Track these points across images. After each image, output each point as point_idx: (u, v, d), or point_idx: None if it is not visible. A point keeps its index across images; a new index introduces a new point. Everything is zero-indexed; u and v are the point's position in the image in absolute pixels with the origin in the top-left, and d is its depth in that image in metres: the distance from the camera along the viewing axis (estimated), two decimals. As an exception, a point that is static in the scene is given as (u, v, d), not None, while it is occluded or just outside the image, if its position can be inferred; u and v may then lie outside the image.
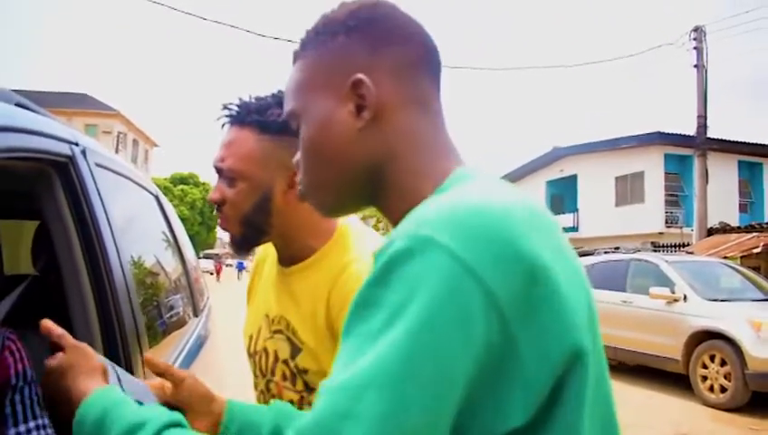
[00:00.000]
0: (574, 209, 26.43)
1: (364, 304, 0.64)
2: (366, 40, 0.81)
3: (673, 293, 8.34)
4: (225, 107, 1.35)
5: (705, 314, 7.89)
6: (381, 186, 0.82)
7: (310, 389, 1.31)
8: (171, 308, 2.34)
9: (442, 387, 0.60)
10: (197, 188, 56.42)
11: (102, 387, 0.88)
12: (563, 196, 27.58)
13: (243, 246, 1.37)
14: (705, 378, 7.71)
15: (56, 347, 0.96)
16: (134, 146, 50.70)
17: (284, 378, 1.35)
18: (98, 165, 1.71)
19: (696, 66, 16.11)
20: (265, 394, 1.40)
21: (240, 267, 54.01)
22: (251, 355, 1.46)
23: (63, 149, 1.50)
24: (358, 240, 1.35)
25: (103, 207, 1.62)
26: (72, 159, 1.53)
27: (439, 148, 0.83)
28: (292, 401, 1.30)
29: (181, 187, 54.15)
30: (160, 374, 0.96)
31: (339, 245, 1.35)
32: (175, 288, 2.54)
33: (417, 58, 0.83)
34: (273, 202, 1.31)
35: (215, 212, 1.36)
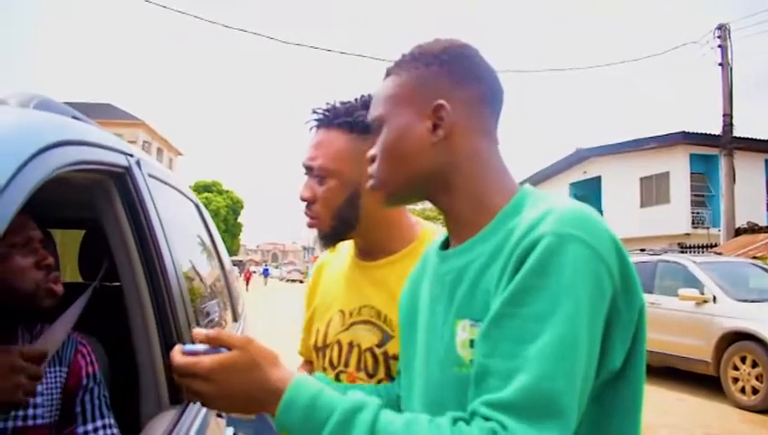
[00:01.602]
0: (599, 211, 26.00)
1: (526, 291, 0.83)
2: (452, 74, 1.00)
3: (702, 294, 8.25)
4: (314, 111, 1.45)
5: (735, 315, 7.80)
6: (444, 190, 1.02)
7: (391, 378, 1.38)
8: (216, 313, 2.41)
9: (595, 342, 0.84)
10: (221, 196, 56.85)
11: (302, 374, 0.92)
12: (587, 197, 27.34)
13: (332, 239, 1.47)
14: (736, 380, 7.61)
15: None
16: (158, 154, 51.25)
17: (359, 368, 1.42)
18: (150, 175, 1.78)
19: (720, 64, 15.95)
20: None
21: (266, 273, 54.38)
22: (319, 349, 1.52)
23: (121, 160, 1.57)
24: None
25: (158, 215, 1.69)
26: (128, 169, 1.60)
27: (499, 167, 1.03)
28: None
29: (205, 194, 54.61)
30: (212, 340, 0.91)
31: (427, 243, 1.39)
32: (218, 294, 2.61)
33: (487, 96, 1.02)
34: (361, 198, 1.41)
35: (303, 210, 1.45)
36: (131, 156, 1.66)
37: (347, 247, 1.59)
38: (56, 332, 1.51)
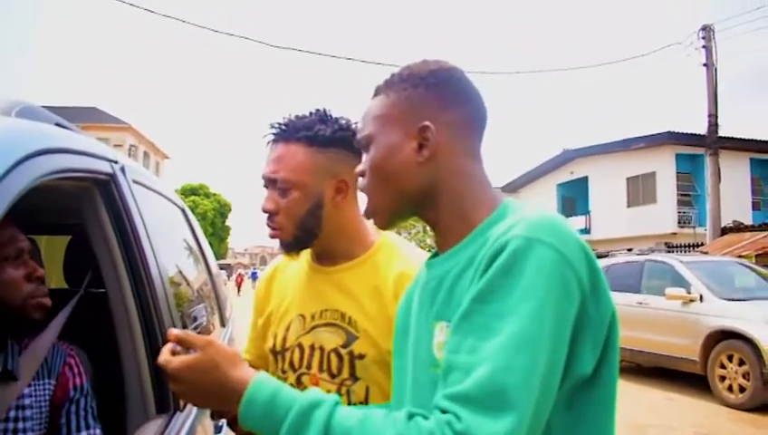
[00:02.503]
0: (586, 211, 26.33)
1: (492, 290, 0.86)
2: (438, 97, 1.04)
3: (689, 293, 8.30)
4: (272, 126, 1.50)
5: (722, 314, 7.85)
6: (431, 206, 1.06)
7: (355, 377, 1.43)
8: (204, 318, 2.39)
9: (560, 344, 0.85)
10: (208, 199, 56.58)
11: (262, 373, 0.97)
12: (575, 198, 27.52)
13: (294, 248, 1.51)
14: (723, 378, 7.67)
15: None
16: (145, 158, 50.95)
17: (322, 369, 1.46)
18: (135, 181, 1.77)
19: (705, 65, 16.06)
20: (295, 388, 1.45)
21: (254, 277, 54.24)
22: (277, 353, 1.55)
23: (105, 167, 1.56)
24: (404, 248, 1.57)
25: (143, 222, 1.68)
26: (113, 176, 1.59)
27: (483, 183, 1.07)
28: (329, 392, 1.36)
29: (192, 198, 54.30)
30: (180, 341, 0.99)
31: (388, 248, 1.54)
32: (205, 298, 2.60)
33: (472, 117, 1.07)
34: (323, 207, 1.47)
35: (266, 221, 1.49)
36: (116, 163, 1.65)
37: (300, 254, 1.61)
38: (43, 341, 1.50)
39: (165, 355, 0.98)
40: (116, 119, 47.18)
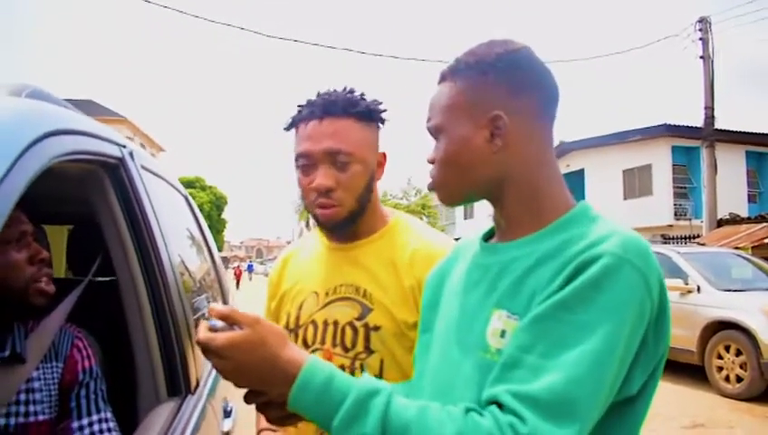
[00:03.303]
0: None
1: (576, 300, 0.86)
2: (508, 83, 1.01)
3: (686, 284, 8.33)
4: (312, 104, 1.48)
5: (719, 305, 7.89)
6: (502, 193, 1.04)
7: (370, 350, 1.44)
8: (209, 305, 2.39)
9: (624, 367, 0.88)
10: (204, 192, 56.44)
11: (314, 356, 0.95)
12: (571, 191, 26.69)
13: (348, 224, 1.50)
14: (720, 368, 7.71)
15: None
16: (140, 151, 50.62)
17: (335, 344, 1.47)
18: (143, 167, 1.76)
19: (701, 57, 16.07)
20: None
21: (250, 269, 54.26)
22: (290, 331, 1.56)
23: (114, 151, 1.55)
24: (418, 225, 1.61)
25: (152, 207, 1.67)
26: (122, 160, 1.58)
27: (556, 176, 1.06)
28: (342, 366, 1.42)
29: (188, 190, 53.71)
30: (224, 318, 0.94)
31: (403, 225, 1.59)
32: (210, 287, 2.60)
33: (544, 101, 1.04)
34: (374, 181, 1.51)
35: (319, 199, 1.46)
36: (124, 147, 1.64)
37: (313, 238, 1.66)
38: (50, 325, 1.49)
39: (205, 332, 0.93)
40: (112, 112, 46.95)
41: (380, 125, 1.53)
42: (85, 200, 1.63)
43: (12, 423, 1.38)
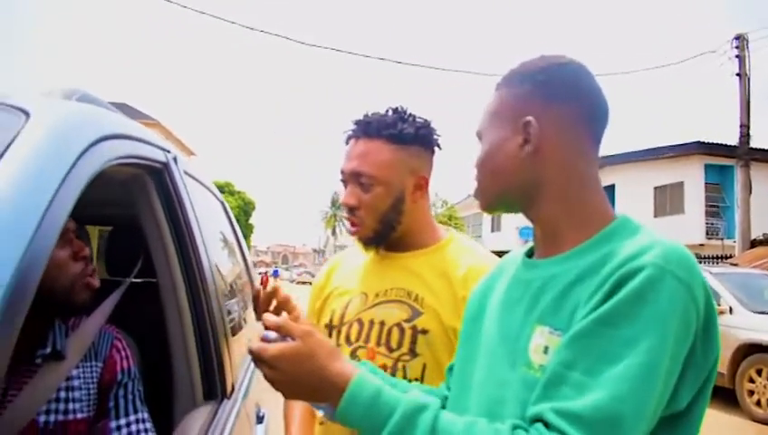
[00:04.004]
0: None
1: (619, 315, 0.86)
2: (544, 92, 1.04)
3: (719, 305, 8.18)
4: (356, 123, 1.55)
5: (751, 327, 7.74)
6: (536, 202, 1.05)
7: (414, 353, 1.46)
8: (244, 309, 2.41)
9: (671, 380, 0.86)
10: (232, 197, 56.83)
11: (362, 370, 0.97)
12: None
13: (373, 242, 1.57)
14: (751, 392, 7.55)
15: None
16: (172, 155, 51.16)
17: (380, 343, 1.49)
18: (185, 172, 1.79)
19: (737, 75, 15.85)
20: None
21: (275, 274, 54.71)
22: (333, 327, 1.59)
23: (159, 155, 1.57)
24: (473, 245, 1.65)
25: (193, 212, 1.69)
26: (166, 165, 1.60)
27: (595, 188, 1.05)
28: (384, 366, 1.45)
29: (217, 195, 54.31)
30: (277, 329, 0.96)
31: (457, 243, 1.62)
32: (244, 292, 2.62)
33: (583, 113, 1.04)
34: (404, 203, 1.52)
35: (346, 215, 1.55)
36: (169, 152, 1.66)
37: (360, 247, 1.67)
38: (91, 324, 1.51)
39: (258, 343, 0.96)
40: (145, 115, 47.67)
41: (424, 147, 1.55)
42: (128, 203, 1.66)
43: (51, 420, 1.40)
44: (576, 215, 1.03)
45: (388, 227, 1.54)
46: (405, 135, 1.51)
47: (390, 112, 1.57)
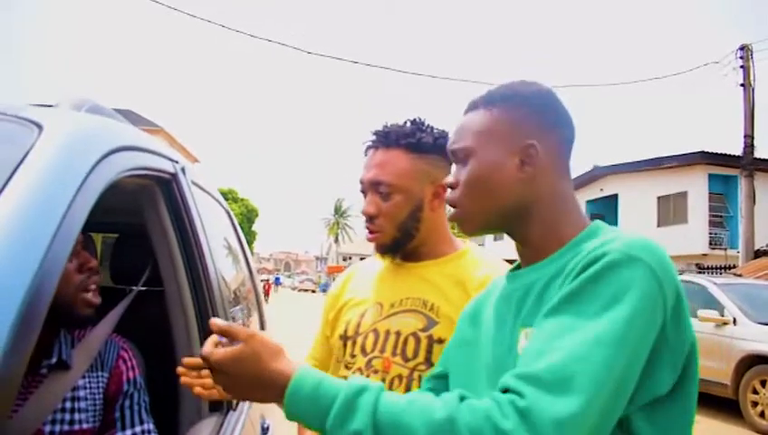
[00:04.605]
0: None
1: (580, 294, 0.90)
2: (540, 118, 1.08)
3: (722, 316, 8.17)
4: (376, 133, 1.58)
5: (755, 338, 7.70)
6: (523, 223, 1.08)
7: (430, 363, 1.46)
8: (248, 319, 2.42)
9: (638, 355, 0.87)
10: (236, 204, 56.98)
11: (304, 365, 0.98)
12: (604, 215, 27.13)
13: (392, 249, 1.59)
14: (755, 404, 7.51)
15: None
16: (175, 161, 51.16)
17: (395, 353, 1.50)
18: (193, 182, 1.79)
19: (742, 85, 15.87)
20: (363, 371, 1.53)
21: (277, 282, 54.81)
22: (348, 338, 1.60)
23: (168, 166, 1.58)
24: (489, 256, 1.65)
25: (200, 222, 1.70)
26: (175, 176, 1.61)
27: (574, 203, 1.10)
28: (400, 376, 1.47)
29: (221, 202, 54.31)
30: (223, 332, 1.00)
31: (474, 254, 1.63)
32: (249, 301, 2.62)
33: (568, 139, 1.11)
34: (422, 211, 1.54)
35: (366, 224, 1.57)
36: (177, 162, 1.67)
37: (378, 257, 1.68)
38: (97, 334, 1.52)
39: (208, 347, 0.99)
40: (149, 121, 47.75)
41: (442, 156, 1.53)
42: (135, 212, 1.67)
43: (57, 430, 1.40)
44: (558, 230, 1.07)
45: (406, 234, 1.56)
46: (423, 144, 1.54)
47: (408, 123, 1.60)
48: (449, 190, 1.13)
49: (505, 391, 0.86)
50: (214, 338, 1.01)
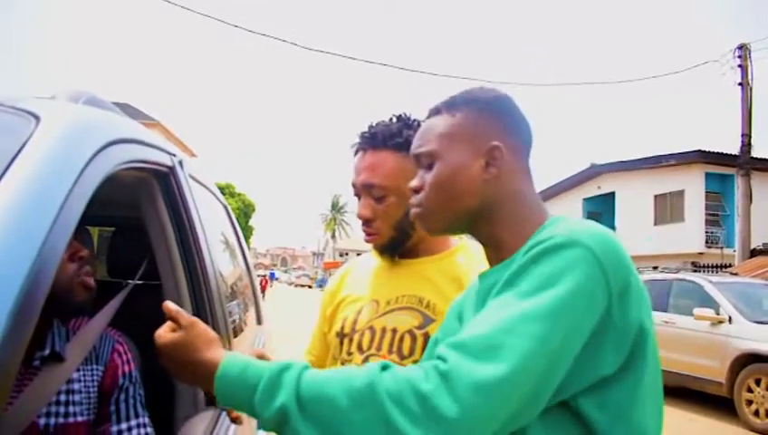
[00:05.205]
0: (611, 227, 25.88)
1: (519, 275, 0.93)
2: (502, 122, 1.12)
3: (718, 314, 8.19)
4: (362, 135, 1.57)
5: (750, 337, 7.72)
6: (486, 223, 1.11)
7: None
8: (245, 314, 2.41)
9: (573, 334, 0.88)
10: (233, 199, 56.87)
11: (232, 352, 1.03)
12: (601, 213, 27.22)
13: (389, 250, 1.59)
14: (750, 402, 7.54)
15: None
16: (172, 155, 51.08)
17: (391, 351, 1.50)
18: (191, 176, 1.79)
19: (740, 84, 15.88)
20: None
21: (272, 277, 54.86)
22: (345, 335, 1.60)
23: (166, 159, 1.57)
24: (482, 253, 1.53)
25: (198, 216, 1.69)
26: (172, 169, 1.60)
27: (536, 202, 1.13)
28: None
29: (218, 197, 54.19)
30: (171, 318, 1.07)
31: (470, 250, 1.62)
32: (246, 296, 2.62)
33: (527, 141, 1.14)
34: None
35: (362, 227, 1.57)
36: (174, 156, 1.66)
37: (374, 254, 1.68)
38: (93, 327, 1.51)
39: (161, 330, 1.06)
40: (146, 115, 47.65)
41: None
42: (132, 205, 1.66)
43: (52, 423, 1.39)
44: (520, 230, 1.08)
45: (403, 233, 1.56)
46: (410, 142, 1.51)
47: (394, 120, 1.58)
48: (413, 194, 1.15)
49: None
50: (171, 323, 1.07)
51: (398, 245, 1.58)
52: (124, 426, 1.50)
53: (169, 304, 1.08)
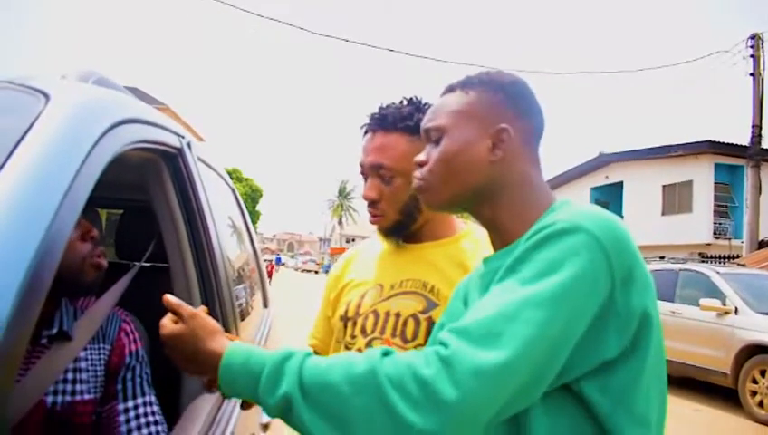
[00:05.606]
0: (619, 217, 25.75)
1: (522, 260, 0.93)
2: (516, 105, 1.11)
3: (724, 305, 8.18)
4: (372, 116, 1.56)
5: (756, 328, 7.71)
6: (489, 205, 1.11)
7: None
8: (252, 297, 2.42)
9: (575, 320, 0.88)
10: (240, 184, 56.95)
11: (235, 341, 1.05)
12: (608, 203, 27.13)
13: (394, 232, 1.59)
14: (754, 393, 7.54)
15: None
16: (180, 139, 51.15)
17: (395, 334, 1.51)
18: (199, 158, 1.79)
19: (751, 74, 15.76)
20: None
21: (278, 262, 55.09)
22: (348, 319, 1.60)
23: (174, 141, 1.57)
24: (487, 238, 1.54)
25: (206, 199, 1.69)
26: (180, 151, 1.60)
27: (542, 188, 1.12)
28: None
29: (225, 181, 54.28)
30: (173, 310, 1.09)
31: (475, 236, 1.62)
32: (253, 279, 2.63)
33: (538, 128, 1.14)
34: None
35: (368, 208, 1.56)
36: (183, 137, 1.66)
37: (378, 238, 1.68)
38: (101, 306, 1.52)
39: (164, 320, 1.08)
40: (155, 99, 47.65)
41: None
42: (140, 187, 1.66)
43: (59, 401, 1.40)
44: (525, 215, 1.08)
45: (409, 217, 1.56)
46: (418, 126, 1.52)
47: (405, 103, 1.58)
48: (418, 168, 1.15)
49: None
50: (173, 314, 1.09)
51: (402, 228, 1.58)
52: (131, 404, 1.51)
53: (170, 297, 1.09)
